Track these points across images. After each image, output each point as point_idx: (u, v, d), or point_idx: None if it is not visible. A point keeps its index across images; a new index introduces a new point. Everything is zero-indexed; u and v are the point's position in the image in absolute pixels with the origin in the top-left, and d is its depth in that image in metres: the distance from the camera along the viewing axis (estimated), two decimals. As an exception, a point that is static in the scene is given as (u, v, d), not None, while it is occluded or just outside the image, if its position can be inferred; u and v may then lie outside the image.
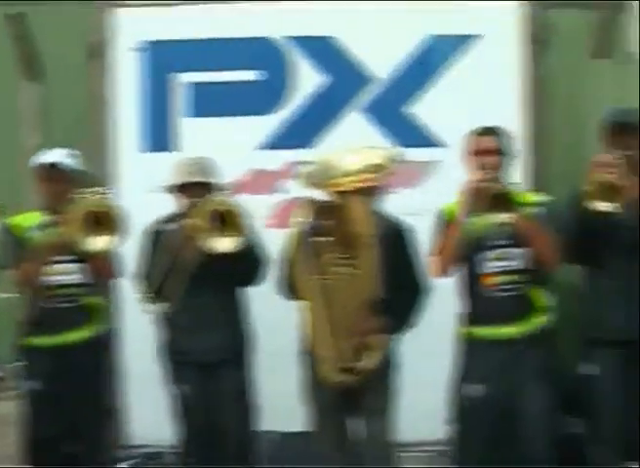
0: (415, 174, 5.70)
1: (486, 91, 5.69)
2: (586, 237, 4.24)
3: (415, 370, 5.13)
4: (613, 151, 4.22)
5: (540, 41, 5.82)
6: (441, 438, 4.85)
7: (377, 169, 4.19)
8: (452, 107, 5.65)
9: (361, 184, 4.16)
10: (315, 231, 4.14)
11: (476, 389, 4.33)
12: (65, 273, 4.70)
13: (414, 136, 5.71)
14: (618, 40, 8.12)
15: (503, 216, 4.16)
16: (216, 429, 4.72)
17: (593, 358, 4.38)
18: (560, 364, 4.62)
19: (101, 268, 4.71)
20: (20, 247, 4.66)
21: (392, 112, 5.74)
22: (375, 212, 4.31)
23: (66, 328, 4.70)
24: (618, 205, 4.08)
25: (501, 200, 4.13)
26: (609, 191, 4.06)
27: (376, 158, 4.21)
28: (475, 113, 5.43)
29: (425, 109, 5.73)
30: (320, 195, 4.30)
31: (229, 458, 4.71)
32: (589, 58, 7.65)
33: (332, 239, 4.13)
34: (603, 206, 4.07)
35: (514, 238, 4.31)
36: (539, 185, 5.61)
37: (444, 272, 4.38)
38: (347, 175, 4.16)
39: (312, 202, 4.19)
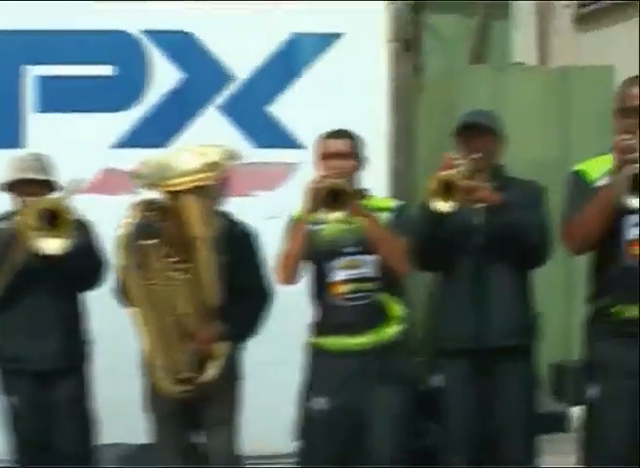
0: (275, 176, 5.51)
1: (350, 91, 5.54)
2: (429, 239, 4.08)
3: (269, 379, 5.00)
4: (463, 153, 4.09)
5: (406, 41, 5.68)
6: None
7: (213, 167, 3.97)
8: (314, 107, 5.47)
9: (196, 184, 3.93)
10: (143, 234, 3.91)
11: (322, 402, 4.13)
12: None
13: (274, 136, 5.53)
14: (496, 45, 8.16)
15: (338, 214, 3.98)
16: (51, 442, 4.45)
17: (442, 368, 4.23)
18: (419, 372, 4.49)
19: None
20: None
21: (252, 112, 5.54)
22: (215, 213, 4.10)
23: None
24: (455, 204, 3.92)
25: (338, 198, 3.95)
26: (448, 190, 3.90)
27: (212, 156, 3.98)
28: (338, 114, 5.28)
29: (287, 109, 5.54)
30: (158, 196, 4.07)
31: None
32: (467, 62, 7.66)
33: (161, 242, 3.90)
34: (441, 205, 3.91)
35: (364, 244, 4.13)
36: (403, 187, 5.50)
37: (288, 279, 4.17)
38: (182, 174, 3.93)
39: (142, 203, 3.96)
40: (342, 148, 4.20)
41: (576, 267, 5.59)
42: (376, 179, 5.24)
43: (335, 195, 3.95)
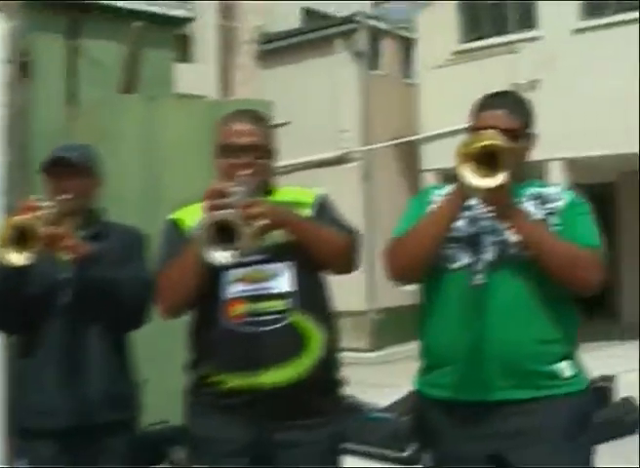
0: None
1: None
2: (2, 297, 3.38)
3: None
4: (49, 193, 3.44)
5: (24, 65, 5.00)
6: None
7: None
8: None
9: None
10: None
11: None
12: None
13: None
14: (158, 75, 7.63)
15: None
16: None
17: (27, 450, 3.51)
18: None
19: None
20: None
21: None
22: None
23: None
24: (34, 256, 3.21)
25: None
26: (26, 238, 3.18)
27: None
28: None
29: None
30: None
31: None
32: (118, 91, 7.10)
33: None
34: (14, 257, 3.17)
35: None
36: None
37: None
38: None
39: None
40: None
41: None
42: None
43: None
